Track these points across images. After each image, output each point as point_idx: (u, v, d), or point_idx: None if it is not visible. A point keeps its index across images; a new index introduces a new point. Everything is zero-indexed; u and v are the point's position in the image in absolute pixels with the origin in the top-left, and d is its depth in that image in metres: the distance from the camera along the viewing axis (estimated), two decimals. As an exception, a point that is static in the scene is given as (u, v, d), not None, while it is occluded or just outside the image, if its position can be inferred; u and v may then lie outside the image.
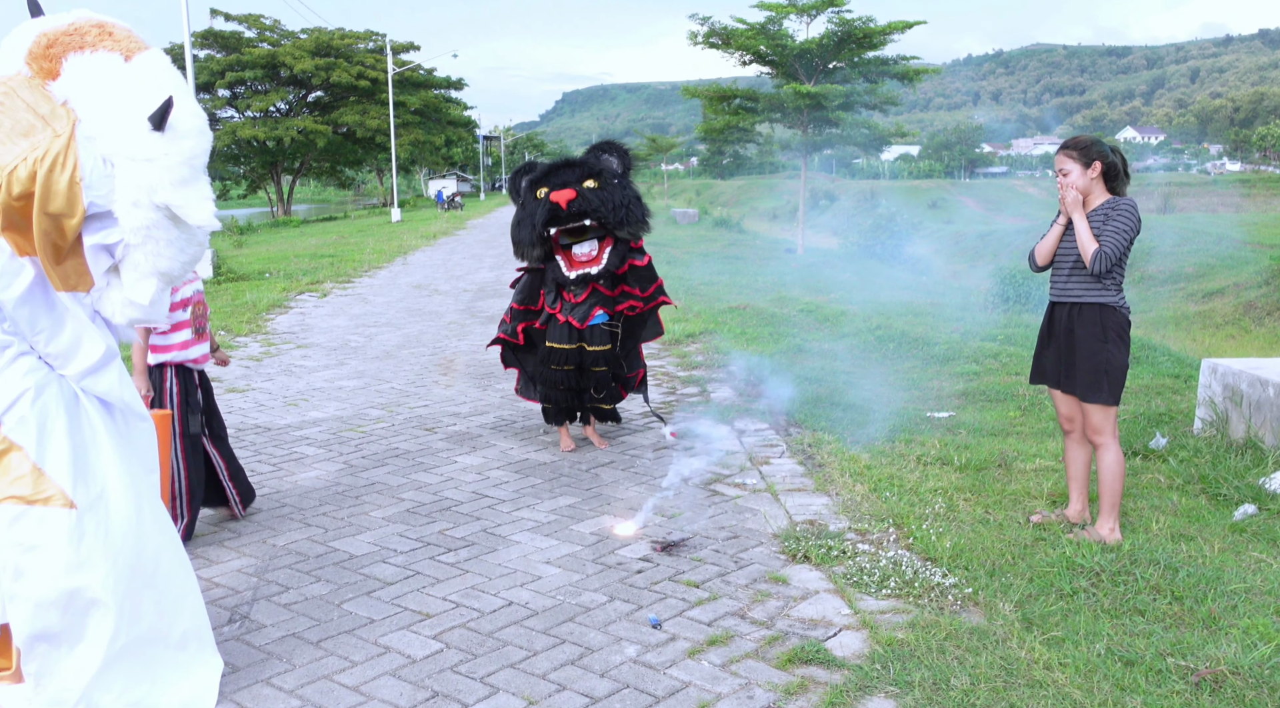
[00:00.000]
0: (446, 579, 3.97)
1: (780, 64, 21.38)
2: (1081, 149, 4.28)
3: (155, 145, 2.73)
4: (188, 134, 2.81)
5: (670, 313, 10.98)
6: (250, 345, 9.54)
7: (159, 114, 2.69)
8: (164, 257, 2.84)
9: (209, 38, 52.46)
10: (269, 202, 58.90)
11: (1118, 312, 4.29)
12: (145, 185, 2.72)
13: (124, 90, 2.77)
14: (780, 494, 5.01)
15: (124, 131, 2.72)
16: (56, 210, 2.68)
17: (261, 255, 21.17)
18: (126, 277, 2.89)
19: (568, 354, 5.60)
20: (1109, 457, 4.37)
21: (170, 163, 2.74)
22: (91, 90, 2.78)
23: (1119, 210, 4.23)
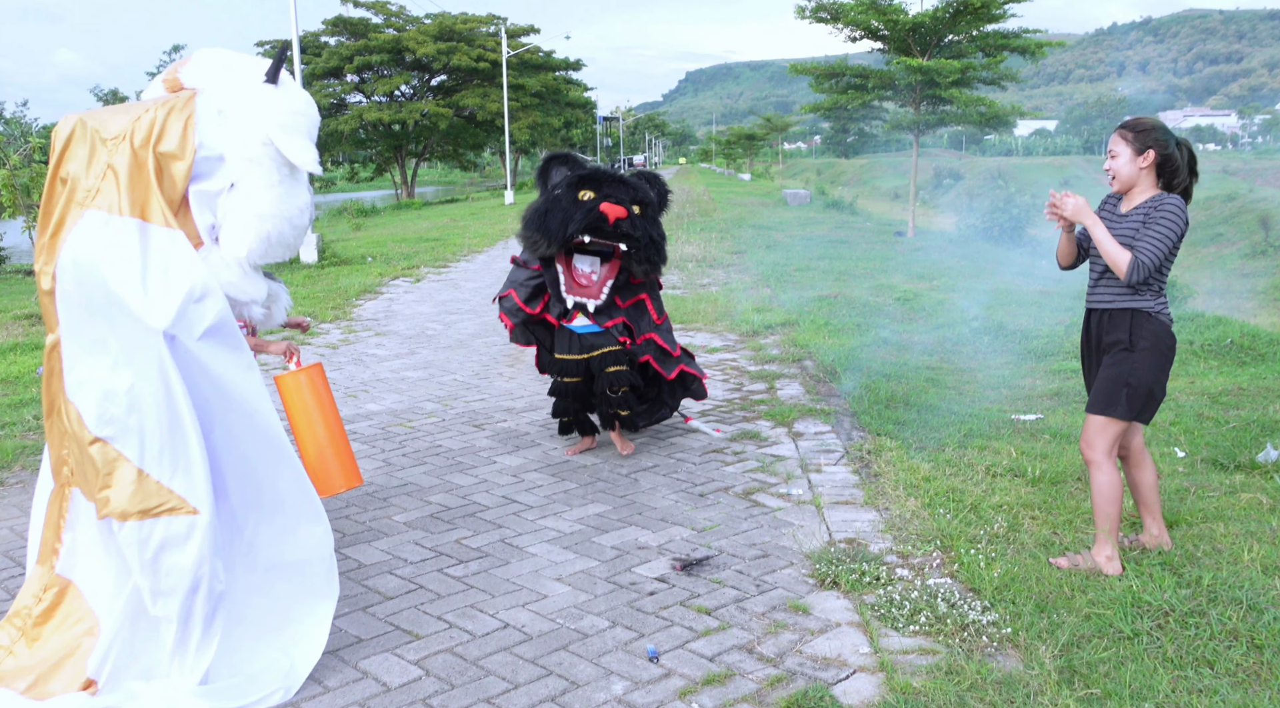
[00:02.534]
0: (448, 595, 3.79)
1: (892, 39, 20.53)
2: (1139, 132, 3.74)
3: (266, 92, 2.96)
4: (298, 94, 3.08)
5: (751, 301, 10.62)
6: (332, 333, 9.62)
7: (273, 67, 2.96)
8: (265, 199, 2.95)
9: (339, 24, 54.02)
10: (394, 184, 60.37)
11: (1153, 319, 3.75)
12: (254, 122, 2.92)
13: (243, 64, 3.05)
14: (825, 507, 4.67)
15: (239, 86, 2.97)
16: (168, 149, 2.84)
17: (373, 239, 21.60)
18: (227, 228, 2.99)
19: (575, 366, 5.28)
20: (1102, 477, 3.85)
21: (280, 108, 2.96)
22: (213, 68, 3.04)
23: (1162, 210, 3.69)
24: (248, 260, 3.05)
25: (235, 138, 2.95)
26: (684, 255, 15.64)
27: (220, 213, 3.03)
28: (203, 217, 3.00)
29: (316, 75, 53.15)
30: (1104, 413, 3.82)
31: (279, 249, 3.11)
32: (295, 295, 12.03)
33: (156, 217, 2.88)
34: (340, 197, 53.80)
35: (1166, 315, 3.80)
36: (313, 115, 3.11)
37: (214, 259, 3.00)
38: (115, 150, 2.86)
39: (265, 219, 2.99)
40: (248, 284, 3.11)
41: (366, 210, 39.68)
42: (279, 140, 2.96)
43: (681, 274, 13.65)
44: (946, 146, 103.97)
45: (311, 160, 3.06)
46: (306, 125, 3.08)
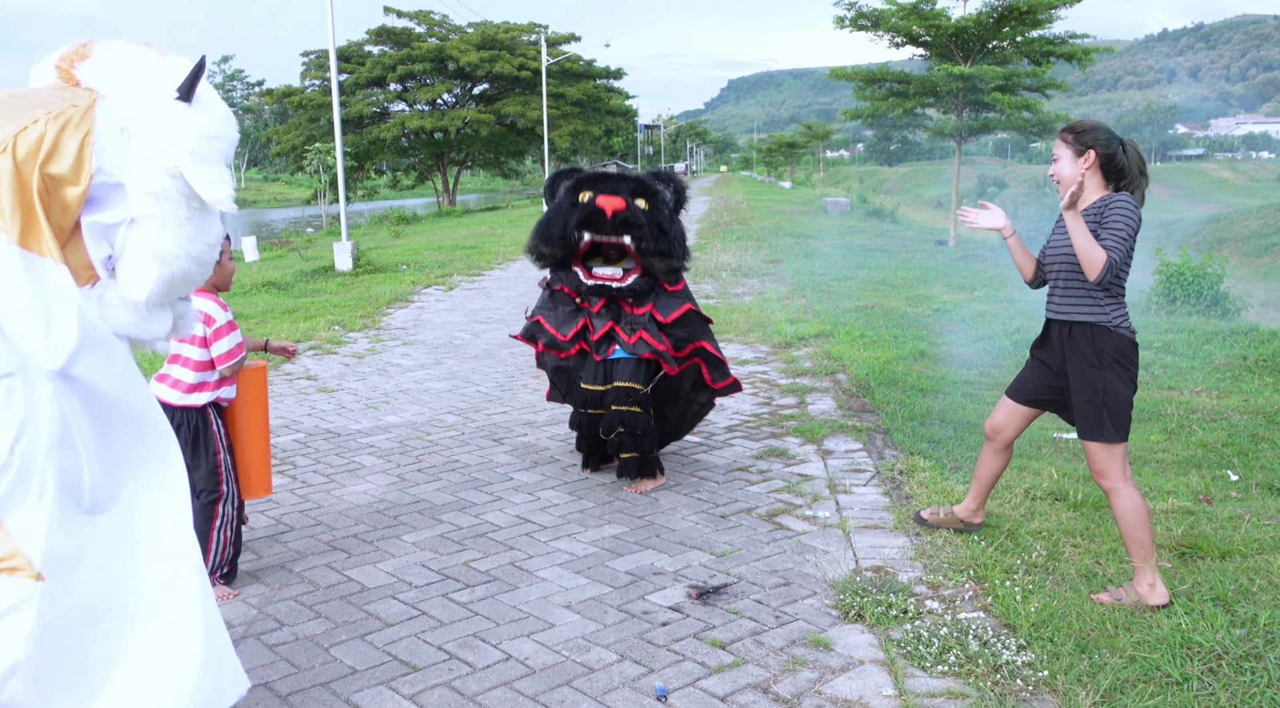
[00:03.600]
0: (451, 623, 3.62)
1: (934, 45, 20.15)
2: (1078, 133, 3.69)
3: (179, 112, 2.54)
4: (214, 112, 2.62)
5: (787, 313, 10.38)
6: (359, 342, 9.53)
7: (187, 82, 2.54)
8: (168, 238, 2.55)
9: (382, 34, 54.54)
10: (435, 192, 60.73)
11: (1113, 334, 3.67)
12: (162, 148, 2.51)
13: (152, 70, 2.59)
14: (852, 532, 4.44)
15: (147, 100, 2.54)
16: (59, 172, 2.42)
17: (411, 246, 21.62)
18: (124, 266, 2.59)
19: (599, 398, 5.03)
20: (1123, 503, 3.70)
21: (192, 132, 2.55)
22: (117, 69, 2.60)
23: (1112, 207, 3.59)
24: (146, 305, 2.64)
25: (138, 167, 2.53)
26: (719, 264, 15.42)
27: (118, 245, 2.60)
28: (98, 248, 2.57)
29: (360, 84, 53.66)
30: (1094, 438, 3.72)
31: (183, 288, 2.71)
32: (328, 304, 11.99)
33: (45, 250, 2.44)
34: (383, 204, 54.20)
35: (1128, 328, 3.70)
36: (230, 136, 2.69)
37: (109, 297, 2.62)
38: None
39: (168, 261, 2.59)
40: (147, 324, 2.69)
41: (407, 218, 39.87)
42: (189, 172, 2.55)
43: (715, 283, 13.44)
44: (991, 154, 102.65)
45: (225, 197, 2.63)
46: (222, 150, 2.66)
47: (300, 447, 5.92)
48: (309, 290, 13.92)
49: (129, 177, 2.52)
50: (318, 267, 16.29)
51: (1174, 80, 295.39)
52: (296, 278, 15.18)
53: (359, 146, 51.70)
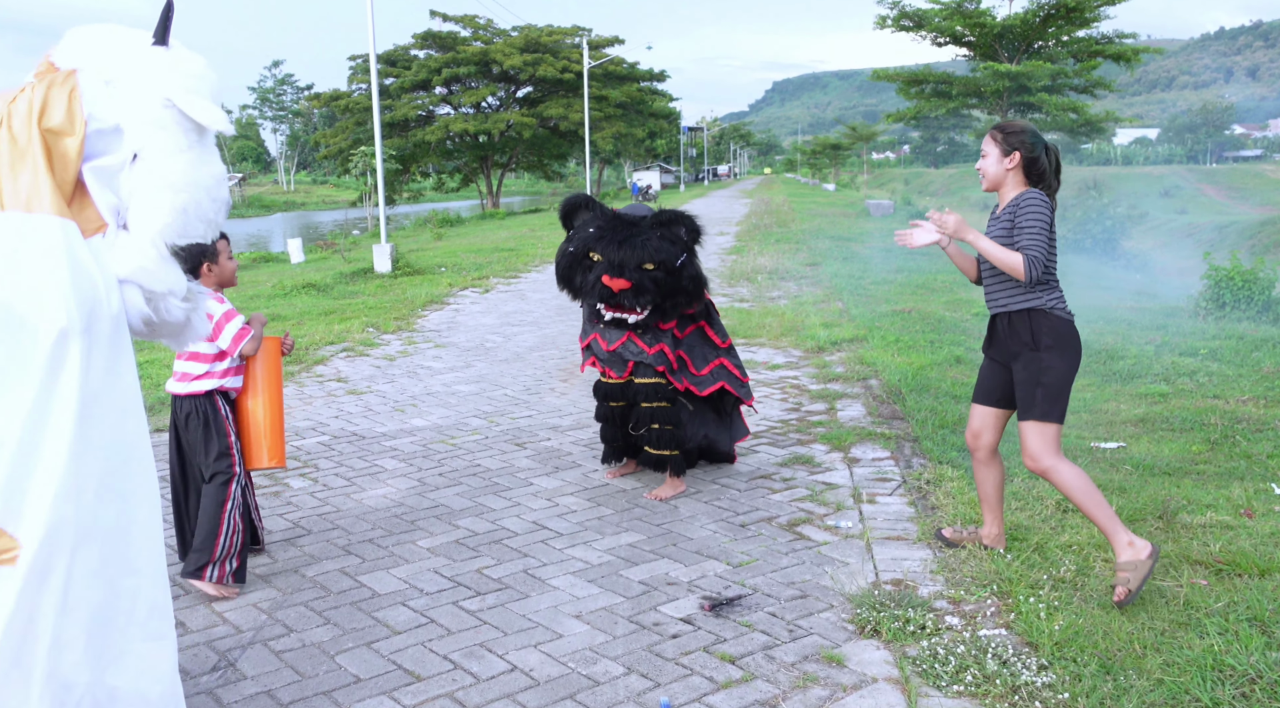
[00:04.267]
0: (459, 631, 3.57)
1: (978, 44, 19.85)
2: (1008, 134, 3.85)
3: (158, 55, 2.59)
4: (193, 59, 2.67)
5: (822, 317, 10.25)
6: (392, 344, 9.55)
7: (160, 26, 2.58)
8: (174, 167, 2.54)
9: (428, 38, 55.00)
10: (479, 195, 61.11)
11: (1050, 315, 3.79)
12: (151, 84, 2.55)
13: (124, 37, 2.65)
14: (874, 543, 4.33)
15: (125, 53, 2.59)
16: (54, 125, 2.45)
17: (452, 249, 21.74)
18: (134, 206, 2.56)
19: (619, 389, 5.04)
20: (1063, 478, 3.77)
21: (177, 71, 2.58)
22: (89, 44, 2.62)
23: (1024, 206, 3.74)
24: (162, 238, 2.59)
25: (131, 104, 2.54)
26: (755, 267, 15.30)
27: (124, 191, 2.60)
28: (103, 197, 2.56)
29: (405, 88, 54.16)
30: (1028, 418, 3.80)
31: (198, 224, 2.65)
32: (364, 305, 12.05)
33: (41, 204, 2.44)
34: (426, 206, 54.61)
35: (1064, 310, 3.81)
36: (212, 79, 2.68)
37: (122, 243, 2.57)
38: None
39: (179, 189, 2.56)
40: (164, 271, 2.62)
41: (451, 220, 40.15)
42: (181, 101, 2.55)
43: (751, 287, 13.32)
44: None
45: (219, 118, 2.62)
46: (210, 87, 2.66)
47: (324, 449, 5.92)
48: (347, 292, 14.01)
49: (124, 116, 2.53)
50: (357, 269, 16.41)
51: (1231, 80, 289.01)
52: (336, 279, 15.30)
53: (404, 149, 52.18)
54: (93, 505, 2.45)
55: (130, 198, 2.56)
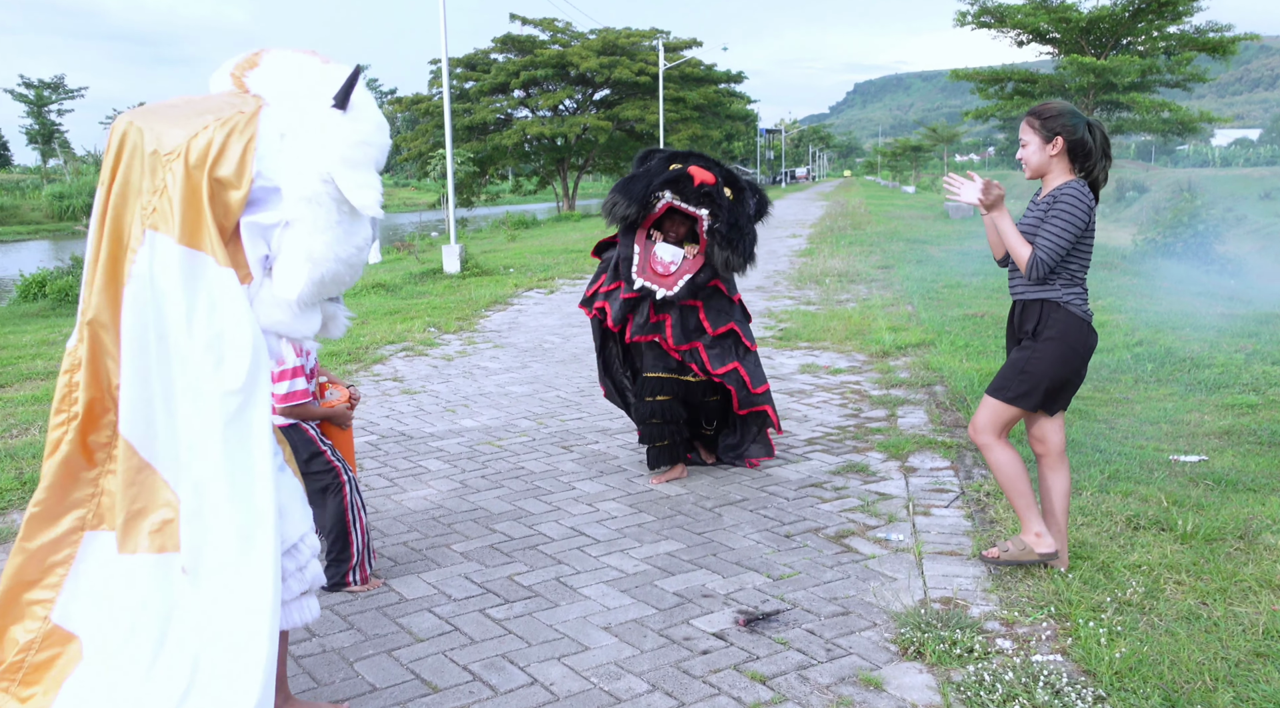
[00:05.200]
0: (482, 640, 3.46)
1: (1063, 41, 19.19)
2: (1046, 118, 3.64)
3: (333, 118, 2.71)
4: (368, 119, 2.77)
5: (889, 320, 9.95)
6: (452, 344, 9.54)
7: (343, 90, 2.70)
8: (319, 241, 2.71)
9: (507, 42, 55.53)
10: (555, 197, 61.50)
11: (1062, 309, 3.65)
12: (315, 154, 2.69)
13: (313, 78, 2.78)
14: (925, 558, 4.10)
15: (305, 106, 2.73)
16: (224, 176, 2.62)
17: (524, 250, 21.82)
18: (278, 266, 2.76)
19: (663, 383, 4.94)
20: (996, 456, 3.77)
21: (345, 138, 2.70)
22: (282, 77, 2.80)
23: (1060, 201, 3.57)
24: (297, 304, 2.78)
25: (294, 172, 2.71)
26: (825, 269, 15.00)
27: (274, 246, 2.79)
28: (255, 248, 2.76)
29: (484, 91, 54.74)
30: (994, 395, 3.76)
31: (332, 289, 2.83)
32: (429, 306, 12.10)
33: (209, 248, 2.63)
34: (502, 209, 55.10)
35: (1080, 307, 3.66)
36: (382, 143, 2.81)
37: (264, 295, 2.77)
38: (169, 167, 2.63)
39: (318, 263, 2.72)
40: (299, 323, 2.82)
41: (526, 222, 40.41)
42: (340, 178, 2.71)
43: (819, 289, 13.04)
44: (1134, 157, 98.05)
45: (373, 202, 2.76)
46: (374, 156, 2.79)
47: (371, 449, 5.88)
48: (416, 292, 14.10)
49: (285, 181, 2.69)
50: (427, 269, 16.53)
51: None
52: (406, 280, 15.43)
53: (481, 152, 52.72)
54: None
55: (276, 254, 2.75)
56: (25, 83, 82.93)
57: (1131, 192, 59.33)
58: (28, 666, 2.77)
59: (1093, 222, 3.61)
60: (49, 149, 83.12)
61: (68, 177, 61.23)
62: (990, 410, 3.78)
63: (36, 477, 5.20)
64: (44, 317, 12.80)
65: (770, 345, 9.07)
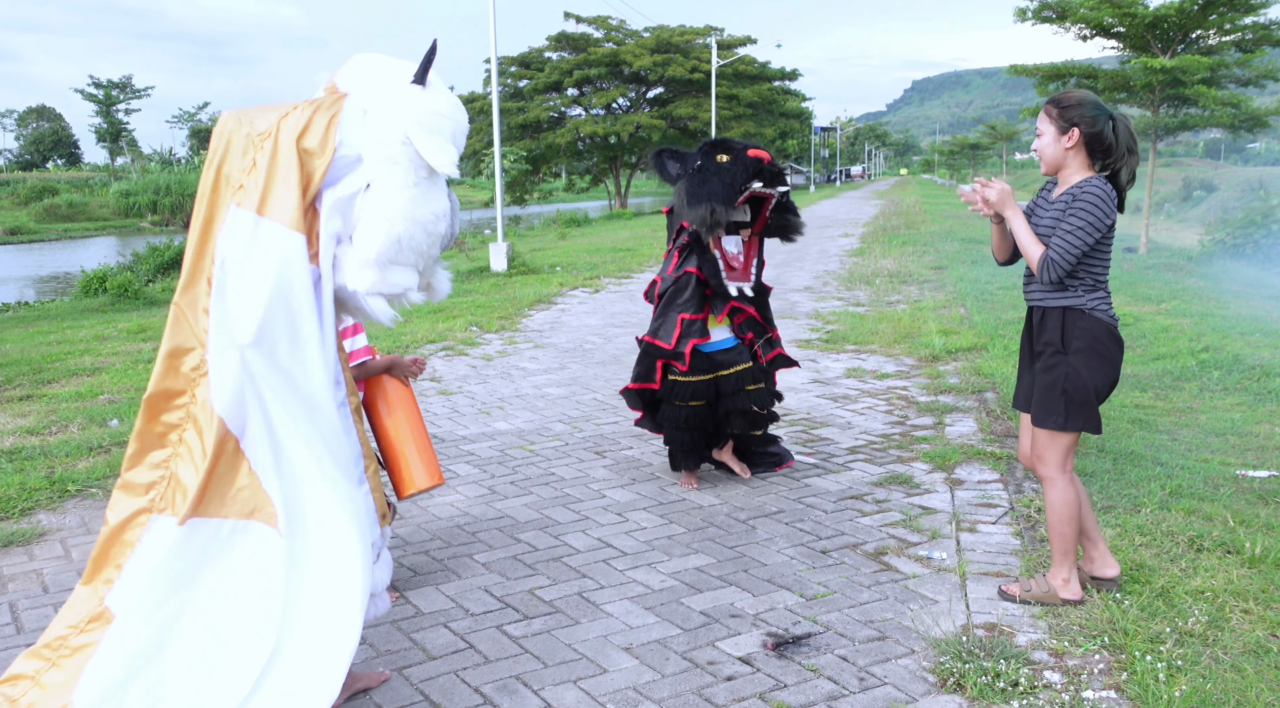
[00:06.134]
0: (496, 660, 3.30)
1: (1128, 36, 18.56)
2: (1063, 108, 3.41)
3: (412, 92, 2.85)
4: (445, 96, 2.90)
5: (940, 323, 9.65)
6: (493, 343, 9.44)
7: (422, 66, 2.85)
8: (397, 201, 2.81)
9: (561, 40, 55.62)
10: (608, 195, 61.50)
11: (1087, 316, 3.42)
12: (395, 120, 2.82)
13: (395, 67, 2.93)
14: (969, 579, 3.86)
15: (386, 86, 2.87)
16: (310, 146, 2.75)
17: (572, 248, 21.74)
18: (359, 230, 2.85)
19: (704, 388, 4.77)
20: (1055, 494, 3.53)
21: (423, 107, 2.83)
22: (365, 72, 2.93)
23: (1079, 199, 3.33)
24: (376, 261, 2.84)
25: (374, 137, 2.82)
26: (876, 270, 14.68)
27: (355, 215, 2.87)
28: (331, 221, 2.84)
29: (538, 90, 54.89)
30: (1043, 425, 3.50)
31: (409, 253, 2.88)
32: (473, 304, 12.03)
33: (279, 215, 2.74)
34: (553, 207, 55.16)
35: (1105, 313, 3.44)
36: (458, 119, 2.91)
37: (348, 260, 2.86)
38: (261, 146, 2.77)
39: (396, 221, 2.80)
40: (389, 278, 2.88)
41: (578, 220, 40.39)
42: (418, 140, 2.81)
43: (869, 290, 12.74)
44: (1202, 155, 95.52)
45: (449, 163, 2.85)
46: (450, 128, 2.89)
47: (402, 452, 5.76)
48: (461, 290, 14.06)
49: (366, 147, 2.81)
50: (474, 267, 16.51)
51: None
52: (453, 277, 15.39)
53: (534, 151, 52.83)
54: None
55: (358, 220, 2.84)
56: (95, 83, 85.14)
57: (1199, 190, 57.69)
58: (68, 647, 2.81)
59: (1114, 223, 3.38)
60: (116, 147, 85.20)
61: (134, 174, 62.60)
62: (1049, 443, 3.51)
63: (67, 477, 5.18)
64: (102, 312, 12.96)
65: (816, 348, 8.84)
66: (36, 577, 4.03)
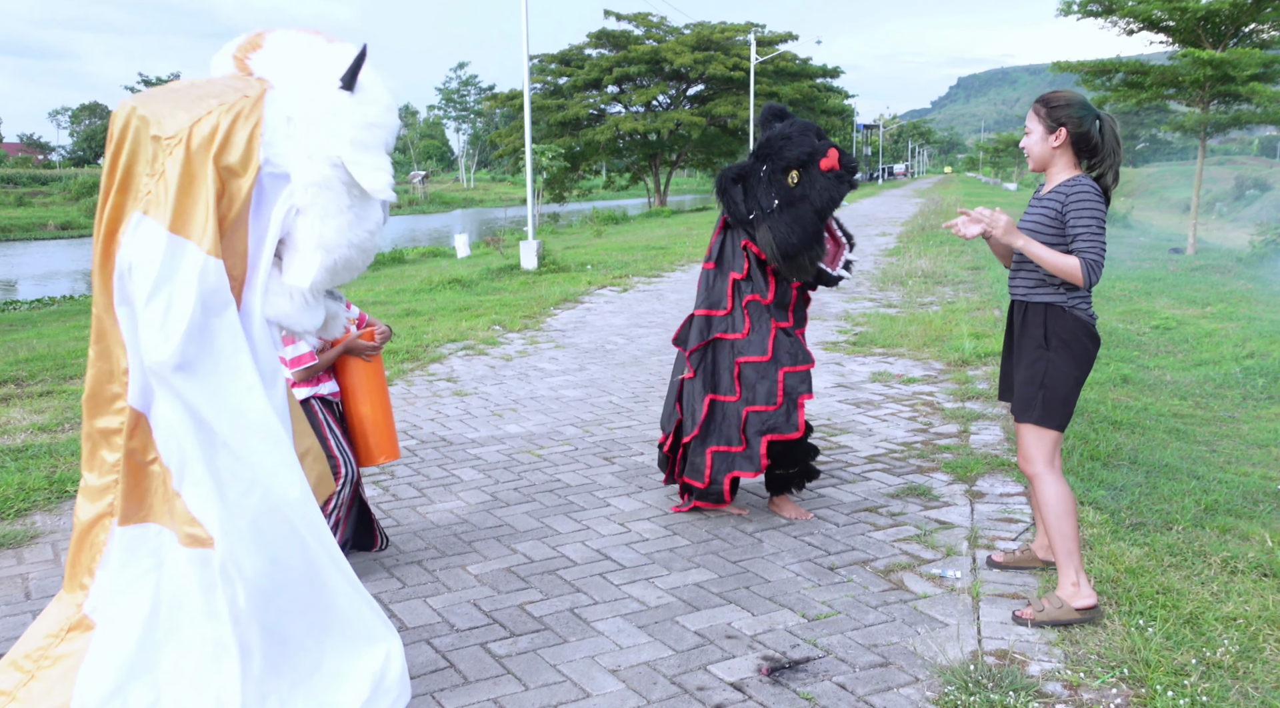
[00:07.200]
0: (476, 681, 3.15)
1: (1177, 30, 18.03)
2: (1052, 108, 3.46)
3: (340, 101, 2.62)
4: (376, 101, 2.67)
5: (973, 326, 9.37)
6: (514, 343, 9.31)
7: (350, 72, 2.61)
8: (330, 226, 2.64)
9: (601, 38, 55.53)
10: (647, 192, 61.31)
11: (1068, 314, 3.46)
12: (323, 138, 2.60)
13: (319, 59, 2.68)
14: (983, 601, 3.65)
15: (312, 89, 2.64)
16: (230, 163, 2.52)
17: (606, 246, 21.60)
18: (290, 254, 2.68)
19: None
20: (1047, 491, 3.50)
21: (353, 121, 2.61)
22: (287, 58, 2.71)
23: (1074, 198, 3.36)
24: (310, 292, 2.70)
25: (302, 157, 2.60)
26: (910, 270, 14.38)
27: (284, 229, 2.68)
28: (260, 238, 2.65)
29: (578, 87, 54.84)
30: (1022, 419, 3.53)
31: (345, 275, 2.75)
32: (499, 302, 11.92)
33: (197, 236, 2.50)
34: (589, 205, 55.08)
35: (1085, 312, 3.48)
36: (390, 125, 2.69)
37: (273, 285, 2.69)
38: (170, 152, 2.51)
39: (331, 250, 2.64)
40: (304, 315, 2.74)
41: (616, 218, 40.25)
42: (351, 162, 2.60)
43: (902, 290, 12.45)
44: (1256, 153, 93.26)
45: (384, 185, 2.64)
46: (383, 138, 2.68)
47: (408, 455, 5.65)
48: (490, 288, 13.97)
49: (294, 167, 2.60)
50: (505, 265, 16.42)
51: None
52: (483, 275, 15.33)
53: (574, 148, 52.78)
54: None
55: (287, 245, 2.65)
56: (144, 81, 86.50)
57: (1253, 189, 56.33)
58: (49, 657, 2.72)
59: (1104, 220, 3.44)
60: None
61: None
62: (1033, 438, 3.52)
63: (67, 477, 5.11)
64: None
65: (842, 351, 8.61)
66: (21, 581, 3.95)
